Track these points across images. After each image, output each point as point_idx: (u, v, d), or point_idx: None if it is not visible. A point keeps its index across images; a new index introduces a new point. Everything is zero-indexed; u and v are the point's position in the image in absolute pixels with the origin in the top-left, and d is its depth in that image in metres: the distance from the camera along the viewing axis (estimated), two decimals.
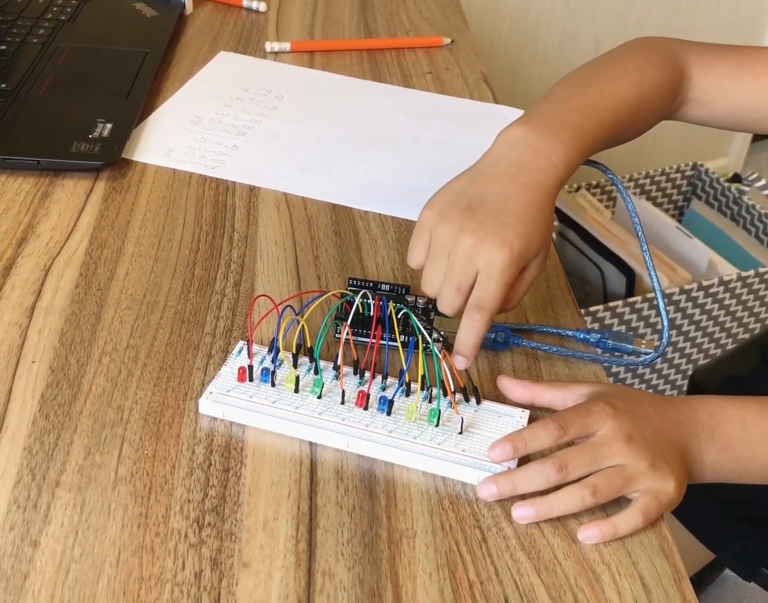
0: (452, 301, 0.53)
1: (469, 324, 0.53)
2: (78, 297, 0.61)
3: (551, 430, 0.49)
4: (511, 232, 0.52)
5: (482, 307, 0.52)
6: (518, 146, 0.55)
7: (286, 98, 0.87)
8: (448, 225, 0.53)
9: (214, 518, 0.47)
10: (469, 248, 0.52)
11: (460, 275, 0.52)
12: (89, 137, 0.75)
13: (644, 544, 0.48)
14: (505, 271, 0.51)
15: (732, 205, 1.71)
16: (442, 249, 0.53)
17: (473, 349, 0.53)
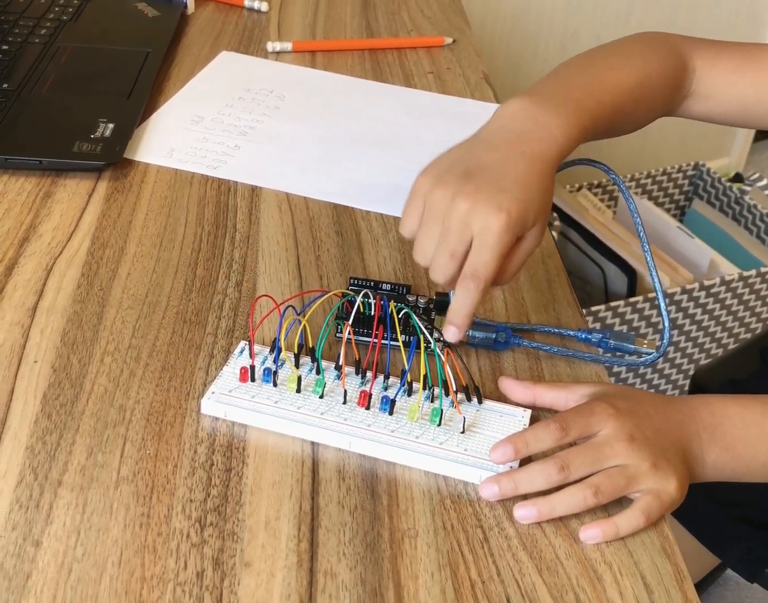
0: (446, 267, 0.51)
1: (463, 293, 0.51)
2: (80, 297, 0.61)
3: (553, 430, 0.49)
4: (509, 197, 0.50)
5: (477, 276, 0.50)
6: (518, 116, 0.54)
7: (287, 98, 0.88)
8: (443, 189, 0.51)
9: (216, 518, 0.47)
10: (465, 212, 0.50)
11: (454, 241, 0.51)
12: (91, 137, 0.76)
13: (646, 544, 0.48)
14: (501, 237, 0.50)
15: (734, 204, 1.71)
16: (436, 214, 0.51)
17: (466, 318, 0.52)
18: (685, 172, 1.77)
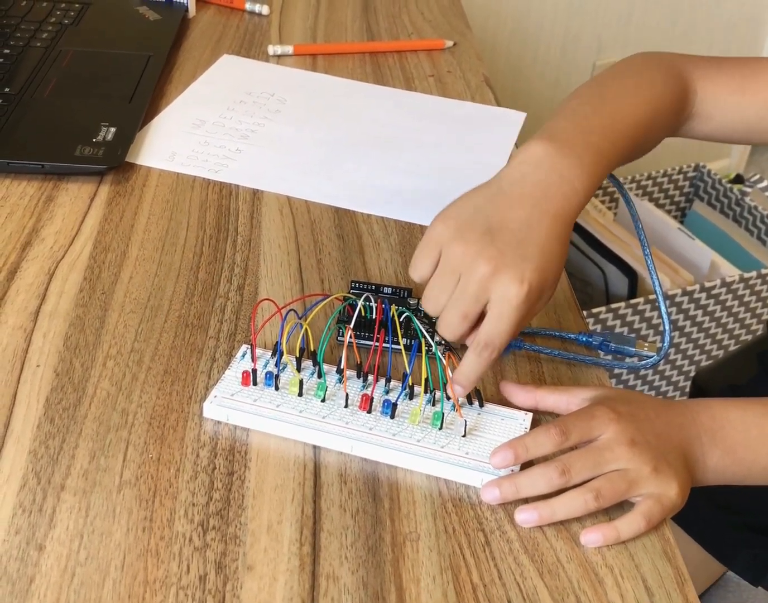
0: (456, 327, 0.51)
1: (475, 360, 0.51)
2: (82, 301, 0.61)
3: (553, 435, 0.49)
4: (531, 268, 0.49)
5: (491, 345, 0.50)
6: (542, 167, 0.52)
7: (288, 101, 0.88)
8: (464, 245, 0.50)
9: (218, 522, 0.47)
10: (486, 277, 0.49)
11: (470, 302, 0.50)
12: (93, 141, 0.76)
13: (647, 547, 0.48)
14: (519, 308, 0.49)
15: (734, 206, 1.71)
16: (453, 269, 0.50)
17: (474, 383, 0.52)
18: (685, 173, 1.77)
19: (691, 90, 0.64)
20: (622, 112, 0.58)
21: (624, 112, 0.58)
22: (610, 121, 0.57)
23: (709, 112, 0.65)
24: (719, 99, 0.65)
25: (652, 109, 0.60)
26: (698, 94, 0.64)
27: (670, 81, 0.63)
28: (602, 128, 0.56)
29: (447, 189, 0.76)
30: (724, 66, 0.66)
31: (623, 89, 0.60)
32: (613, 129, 0.56)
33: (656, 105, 0.60)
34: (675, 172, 1.75)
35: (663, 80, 0.62)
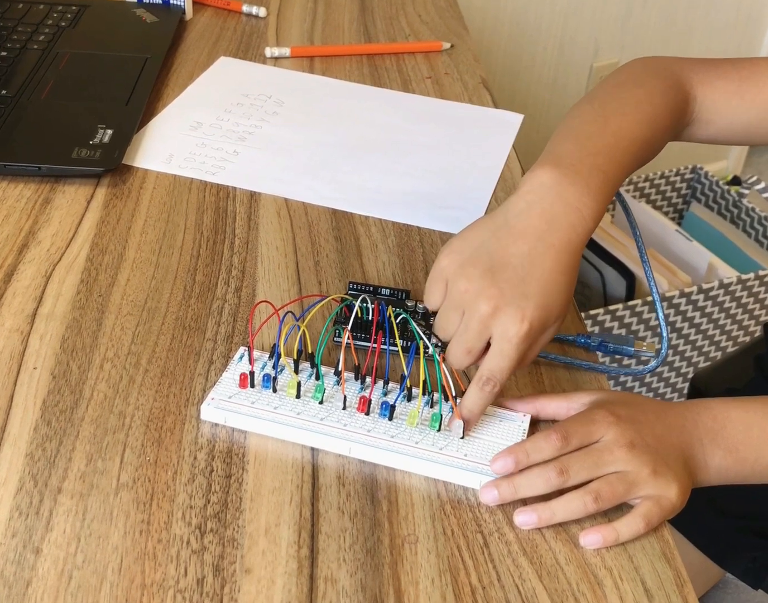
0: (461, 360, 0.52)
1: (477, 394, 0.51)
2: (79, 303, 0.61)
3: (553, 440, 0.49)
4: (532, 305, 0.49)
5: (492, 380, 0.50)
6: (548, 196, 0.52)
7: (286, 103, 0.88)
8: (466, 283, 0.50)
9: (216, 524, 0.47)
10: (486, 316, 0.49)
11: (472, 339, 0.50)
12: (90, 143, 0.76)
13: (646, 549, 0.48)
14: (519, 345, 0.49)
15: (732, 207, 1.71)
16: (457, 305, 0.51)
17: (478, 415, 0.52)
18: (683, 175, 1.77)
19: (691, 96, 0.64)
20: (623, 130, 0.57)
21: (626, 129, 0.57)
22: (613, 140, 0.56)
23: (709, 117, 0.65)
24: (719, 103, 0.64)
25: (653, 124, 0.59)
26: (698, 99, 0.64)
27: (669, 91, 0.62)
28: (607, 149, 0.55)
29: (444, 191, 0.77)
30: (722, 69, 0.66)
31: (624, 106, 0.59)
32: (617, 149, 0.56)
33: (657, 119, 0.60)
34: (672, 174, 1.75)
35: (662, 91, 0.62)
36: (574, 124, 0.58)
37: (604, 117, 0.58)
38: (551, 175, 0.52)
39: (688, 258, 1.54)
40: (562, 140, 0.56)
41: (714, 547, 0.93)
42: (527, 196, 0.52)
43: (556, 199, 0.52)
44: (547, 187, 0.52)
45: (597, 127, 0.57)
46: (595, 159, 0.54)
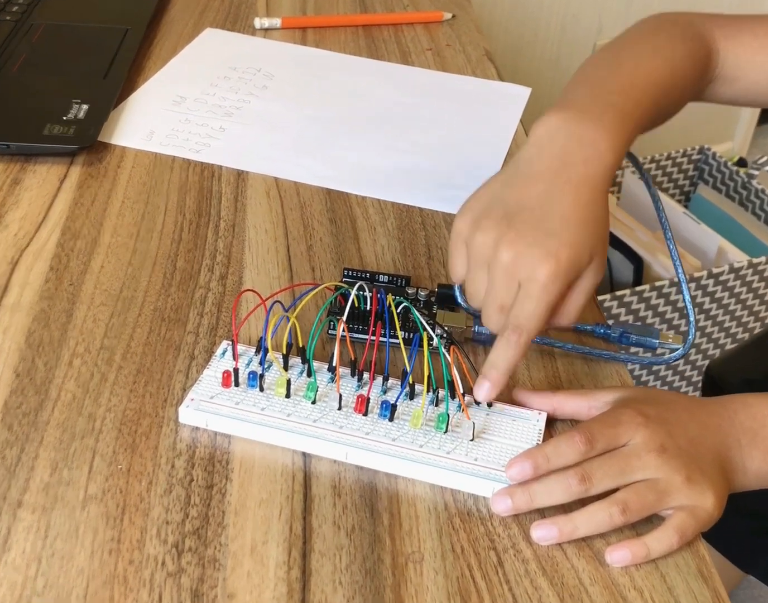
0: (497, 321, 0.48)
1: (503, 346, 0.46)
2: (48, 293, 0.56)
3: (577, 443, 0.44)
4: (557, 242, 0.45)
5: (519, 328, 0.46)
6: (558, 137, 0.48)
7: (276, 77, 0.82)
8: (483, 236, 0.47)
9: (195, 542, 0.42)
10: (509, 263, 0.46)
11: (501, 293, 0.47)
12: (63, 119, 0.70)
13: (680, 567, 0.43)
14: (548, 287, 0.45)
15: (740, 189, 1.66)
16: (480, 262, 0.48)
17: (504, 374, 0.47)
18: (689, 156, 1.71)
19: (714, 50, 0.60)
20: (640, 72, 0.53)
21: (643, 71, 0.53)
22: (629, 80, 0.52)
23: (735, 73, 0.60)
24: (744, 59, 0.61)
25: (672, 69, 0.55)
26: (721, 54, 0.60)
27: (689, 42, 0.59)
28: (621, 87, 0.52)
29: (447, 169, 0.71)
30: (746, 24, 0.62)
31: (640, 51, 0.56)
32: (633, 88, 0.52)
33: (677, 65, 0.56)
34: (679, 155, 1.70)
35: (682, 40, 0.58)
36: (585, 71, 0.55)
37: (619, 61, 0.54)
38: (560, 117, 0.49)
39: (697, 241, 1.48)
40: (573, 87, 0.53)
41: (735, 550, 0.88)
42: (536, 142, 0.49)
43: (567, 138, 0.48)
44: (556, 128, 0.49)
45: (611, 71, 0.54)
46: (609, 97, 0.51)
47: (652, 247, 1.42)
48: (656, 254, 1.41)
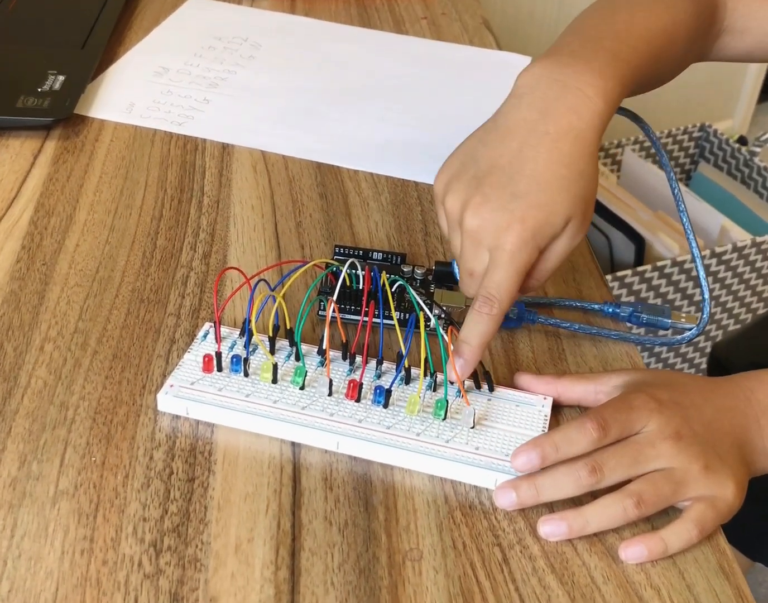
0: (468, 286, 0.46)
1: (475, 318, 0.44)
2: (19, 273, 0.52)
3: (589, 430, 0.40)
4: (523, 205, 0.42)
5: (489, 299, 0.43)
6: (540, 83, 0.44)
7: (264, 47, 0.78)
8: (452, 199, 0.45)
9: (175, 541, 0.39)
10: (475, 230, 0.43)
11: (470, 260, 0.45)
12: (38, 91, 0.66)
13: (700, 563, 0.40)
14: (514, 254, 0.42)
15: (742, 167, 1.62)
16: (453, 225, 0.46)
17: (476, 349, 0.44)
18: (690, 133, 1.68)
19: (720, 2, 0.56)
20: (638, 17, 0.49)
21: (640, 17, 0.49)
22: (624, 26, 0.48)
23: (744, 24, 0.56)
24: (753, 8, 0.56)
25: (674, 19, 0.51)
26: (728, 5, 0.56)
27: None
28: (616, 33, 0.48)
29: (444, 141, 0.67)
30: None
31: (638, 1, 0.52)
32: (629, 34, 0.48)
33: (679, 15, 0.52)
34: (680, 132, 1.66)
35: None
36: (577, 21, 0.51)
37: (613, 8, 0.50)
38: (544, 63, 0.46)
39: (699, 220, 1.45)
40: (563, 36, 0.49)
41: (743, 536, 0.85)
42: (517, 91, 0.46)
43: (549, 84, 0.45)
44: (538, 75, 0.45)
45: (603, 18, 0.50)
46: (600, 42, 0.47)
47: (653, 227, 1.39)
48: (658, 234, 1.38)
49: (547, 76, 0.45)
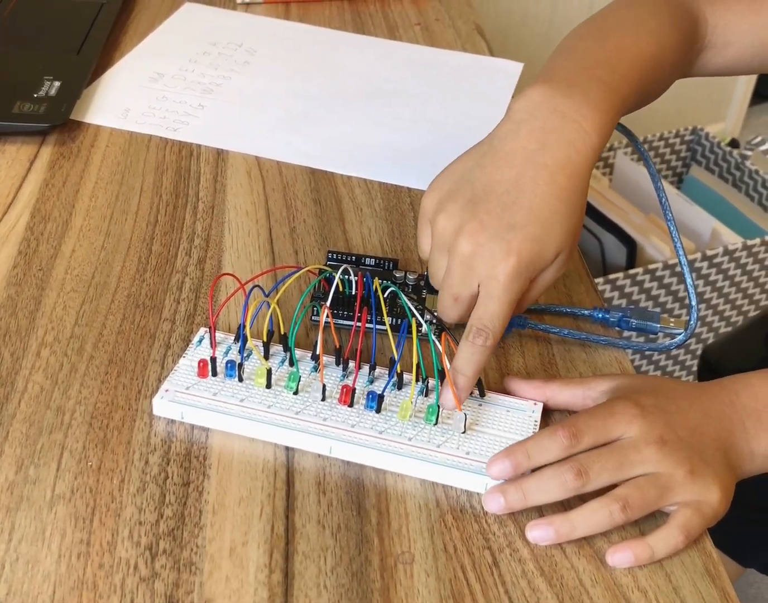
0: (450, 310, 0.45)
1: (469, 350, 0.44)
2: (15, 279, 0.53)
3: (560, 438, 0.41)
4: (520, 237, 0.42)
5: (483, 330, 0.43)
6: (539, 111, 0.45)
7: (258, 52, 0.79)
8: (445, 220, 0.44)
9: (170, 544, 0.39)
10: (468, 256, 0.43)
11: (457, 285, 0.44)
12: (34, 96, 0.67)
13: (686, 566, 0.40)
14: (508, 286, 0.43)
15: (734, 170, 1.63)
16: (440, 246, 0.45)
17: (471, 380, 0.44)
18: (682, 136, 1.69)
19: (701, 18, 0.56)
20: (626, 44, 0.50)
21: (629, 43, 0.50)
22: (614, 54, 0.49)
23: (726, 38, 0.57)
24: (733, 22, 0.57)
25: (659, 41, 0.52)
26: (709, 21, 0.57)
27: (675, 10, 0.55)
28: (606, 61, 0.48)
29: (437, 147, 0.68)
30: None
31: (625, 22, 0.53)
32: (620, 61, 0.48)
33: (664, 37, 0.52)
34: (672, 135, 1.67)
35: (667, 10, 0.55)
36: (569, 43, 0.51)
37: (603, 33, 0.51)
38: (542, 90, 0.46)
39: (691, 223, 1.46)
40: (556, 59, 0.49)
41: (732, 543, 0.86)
42: (515, 116, 0.46)
43: (549, 114, 0.45)
44: (538, 102, 0.45)
45: (594, 42, 0.50)
46: (594, 71, 0.47)
47: (645, 230, 1.40)
48: (649, 237, 1.39)
49: (546, 104, 0.45)
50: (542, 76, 0.48)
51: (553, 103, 0.45)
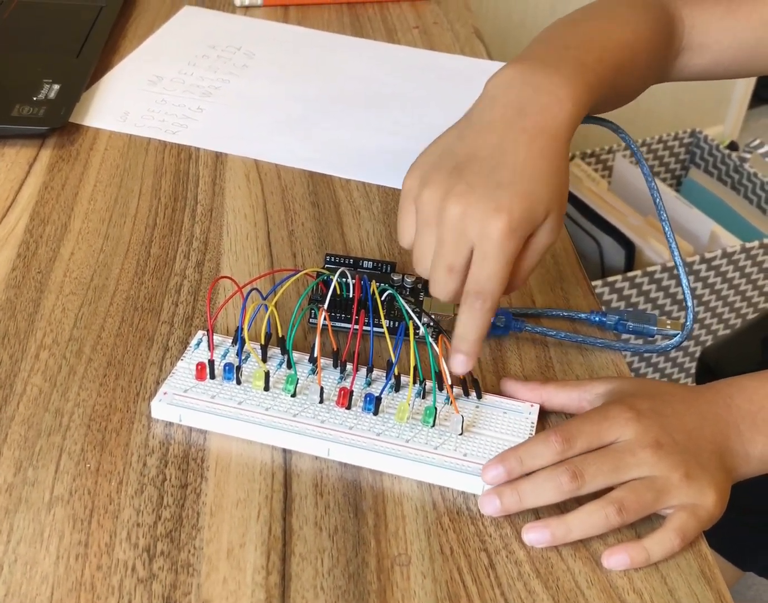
0: (445, 284, 0.44)
1: (469, 314, 0.43)
2: (14, 282, 0.53)
3: (553, 443, 0.41)
4: (509, 193, 0.42)
5: (481, 292, 0.43)
6: (513, 86, 0.45)
7: (257, 56, 0.79)
8: (431, 191, 0.43)
9: (168, 546, 0.39)
10: (458, 218, 0.42)
11: (450, 253, 0.43)
12: (33, 99, 0.67)
13: (682, 568, 0.40)
14: (503, 244, 0.42)
15: (732, 173, 1.63)
16: (428, 221, 0.44)
17: (475, 344, 0.44)
18: (681, 139, 1.69)
19: (678, 19, 0.56)
20: (602, 31, 0.50)
21: (604, 32, 0.50)
22: (589, 37, 0.49)
23: (701, 41, 0.57)
24: (709, 25, 0.57)
25: (636, 34, 0.52)
26: (686, 22, 0.57)
27: (651, 9, 0.55)
28: (582, 44, 0.49)
29: None
30: None
31: (601, 14, 0.53)
32: (594, 43, 0.49)
33: (640, 31, 0.52)
34: (670, 138, 1.67)
35: (644, 7, 0.55)
36: (544, 33, 0.52)
37: (579, 22, 0.52)
38: (515, 68, 0.46)
39: (689, 226, 1.46)
40: (531, 44, 0.50)
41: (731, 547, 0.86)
42: (489, 93, 0.46)
43: (522, 87, 0.45)
44: (510, 78, 0.46)
45: (569, 28, 0.51)
46: (567, 51, 0.48)
47: (643, 232, 1.40)
48: (648, 239, 1.39)
49: (519, 78, 0.45)
50: (515, 58, 0.48)
51: (525, 77, 0.45)
